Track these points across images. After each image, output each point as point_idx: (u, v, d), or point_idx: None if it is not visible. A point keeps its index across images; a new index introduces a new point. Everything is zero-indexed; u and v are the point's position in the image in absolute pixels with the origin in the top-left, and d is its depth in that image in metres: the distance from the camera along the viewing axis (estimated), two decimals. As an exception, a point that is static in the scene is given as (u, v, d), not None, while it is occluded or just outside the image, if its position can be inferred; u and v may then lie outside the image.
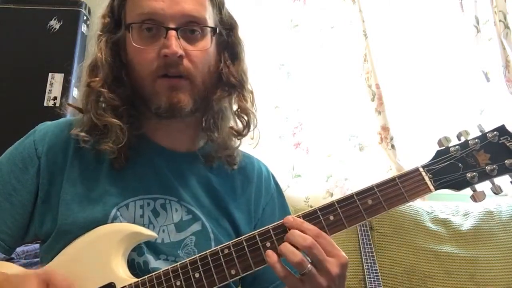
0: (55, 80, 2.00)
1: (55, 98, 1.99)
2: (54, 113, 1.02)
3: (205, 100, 0.91)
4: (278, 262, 0.73)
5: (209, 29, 0.87)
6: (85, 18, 2.13)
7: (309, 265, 0.71)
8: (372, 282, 1.63)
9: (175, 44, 0.82)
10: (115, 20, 0.90)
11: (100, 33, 0.89)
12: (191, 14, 0.84)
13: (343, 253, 0.74)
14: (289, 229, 0.75)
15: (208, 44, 0.88)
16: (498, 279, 1.63)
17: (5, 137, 1.01)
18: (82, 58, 2.07)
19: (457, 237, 1.73)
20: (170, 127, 0.93)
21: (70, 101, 1.94)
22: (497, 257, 1.67)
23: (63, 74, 2.01)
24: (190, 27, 0.85)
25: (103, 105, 0.87)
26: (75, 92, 2.00)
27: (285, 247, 0.73)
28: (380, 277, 1.65)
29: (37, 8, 2.07)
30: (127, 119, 0.88)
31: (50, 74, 2.01)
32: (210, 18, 0.87)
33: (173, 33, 0.82)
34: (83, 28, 2.12)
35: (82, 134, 0.87)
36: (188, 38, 0.85)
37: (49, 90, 2.00)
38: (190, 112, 0.88)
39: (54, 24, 2.06)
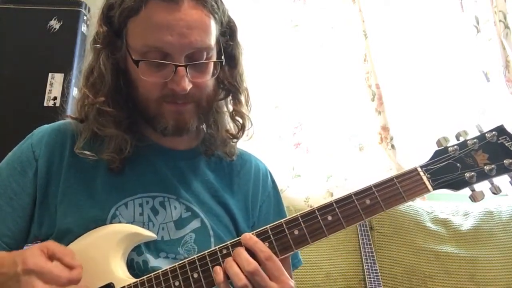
0: (55, 80, 2.00)
1: (55, 98, 1.99)
2: (54, 113, 1.02)
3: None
4: (224, 282, 0.73)
5: (214, 58, 0.87)
6: (85, 18, 2.12)
7: None
8: (372, 282, 1.63)
9: (185, 81, 0.81)
10: (114, 32, 0.87)
11: (100, 46, 0.87)
12: (197, 46, 0.82)
13: (290, 281, 0.74)
14: (244, 246, 0.75)
15: (212, 70, 0.88)
16: (498, 279, 1.63)
17: (5, 137, 1.01)
18: (82, 58, 2.07)
19: (457, 237, 1.73)
20: None
21: (70, 101, 1.94)
22: (497, 257, 1.67)
23: (63, 74, 2.00)
24: (198, 62, 0.84)
25: (105, 119, 0.88)
26: (75, 92, 2.00)
27: (232, 269, 0.73)
28: (380, 277, 1.65)
29: (37, 8, 2.07)
30: (128, 128, 0.90)
31: (50, 74, 2.00)
32: (214, 38, 0.86)
33: (182, 69, 0.81)
34: (83, 28, 2.11)
35: (87, 153, 0.88)
36: (195, 68, 0.85)
37: (49, 90, 1.99)
38: (195, 128, 0.91)
39: (54, 24, 2.05)
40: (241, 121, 0.98)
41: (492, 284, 1.63)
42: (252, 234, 0.76)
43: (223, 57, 0.89)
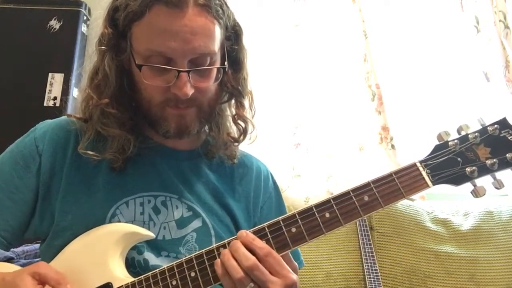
0: (55, 80, 2.00)
1: (55, 98, 1.99)
2: (54, 113, 1.02)
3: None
4: (226, 274, 0.71)
5: (218, 63, 0.87)
6: (85, 18, 2.12)
7: (251, 283, 0.70)
8: (372, 282, 1.63)
9: (187, 86, 0.81)
10: (119, 34, 0.87)
11: (105, 47, 0.87)
12: (201, 52, 0.82)
13: (292, 274, 0.72)
14: (242, 244, 0.73)
15: (215, 75, 0.88)
16: (498, 279, 1.63)
17: (5, 137, 1.01)
18: (82, 58, 2.08)
19: (457, 237, 1.73)
20: None
21: (70, 101, 1.95)
22: (497, 257, 1.67)
23: (63, 74, 2.01)
24: (201, 68, 0.84)
25: (108, 120, 0.88)
26: (75, 92, 2.00)
27: (229, 262, 0.71)
28: (380, 277, 1.65)
29: (37, 8, 2.07)
30: (131, 129, 0.90)
31: (50, 74, 2.01)
32: (218, 44, 0.86)
33: (184, 75, 0.81)
34: (83, 28, 2.11)
35: (91, 153, 0.88)
36: (198, 73, 0.85)
37: (49, 90, 2.00)
38: (196, 131, 0.91)
39: (54, 24, 2.06)
40: (243, 125, 0.98)
41: (492, 284, 1.62)
42: (249, 231, 0.75)
43: (226, 63, 0.89)
